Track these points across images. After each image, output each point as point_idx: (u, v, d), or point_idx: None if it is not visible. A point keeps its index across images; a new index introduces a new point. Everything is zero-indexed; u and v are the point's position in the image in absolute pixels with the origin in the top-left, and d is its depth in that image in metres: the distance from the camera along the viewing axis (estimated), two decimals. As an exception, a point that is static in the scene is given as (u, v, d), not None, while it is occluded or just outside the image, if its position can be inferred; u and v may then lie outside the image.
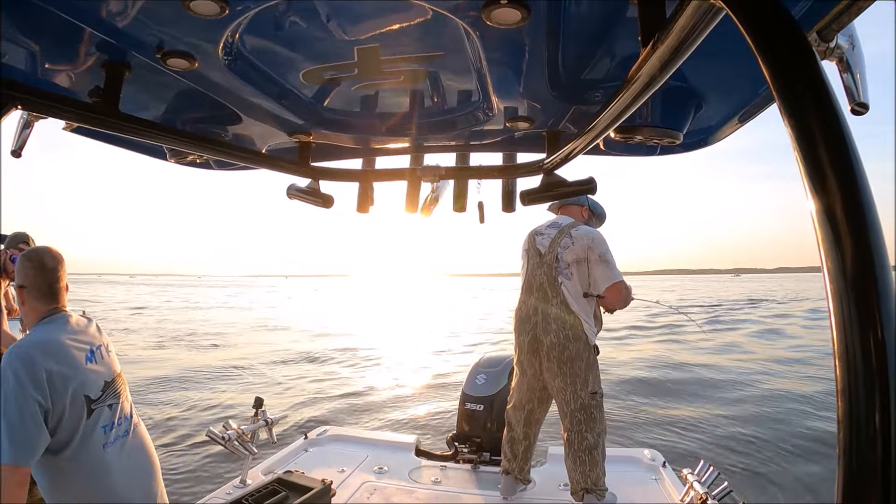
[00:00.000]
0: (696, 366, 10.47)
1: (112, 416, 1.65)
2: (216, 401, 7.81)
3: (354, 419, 7.02)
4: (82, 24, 0.74)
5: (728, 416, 6.91)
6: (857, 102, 0.69)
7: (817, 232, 0.37)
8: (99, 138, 1.22)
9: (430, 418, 7.03)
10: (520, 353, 2.68)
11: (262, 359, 11.62)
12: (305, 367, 10.93)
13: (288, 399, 7.97)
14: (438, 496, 2.69)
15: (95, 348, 1.69)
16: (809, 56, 0.41)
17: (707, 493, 2.17)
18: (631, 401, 7.57)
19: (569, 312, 2.55)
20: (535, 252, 2.72)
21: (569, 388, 2.52)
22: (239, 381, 9.35)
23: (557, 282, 2.59)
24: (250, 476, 2.70)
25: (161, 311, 26.08)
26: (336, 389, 8.70)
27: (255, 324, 19.88)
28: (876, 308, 0.34)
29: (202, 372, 9.96)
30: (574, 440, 2.52)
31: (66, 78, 0.96)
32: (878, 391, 0.33)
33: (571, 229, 2.66)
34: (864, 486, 0.34)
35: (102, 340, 1.76)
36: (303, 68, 0.91)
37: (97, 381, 1.63)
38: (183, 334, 16.10)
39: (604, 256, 2.58)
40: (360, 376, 9.91)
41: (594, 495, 2.50)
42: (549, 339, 2.54)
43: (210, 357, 11.83)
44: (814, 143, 0.38)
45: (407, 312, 29.55)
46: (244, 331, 17.42)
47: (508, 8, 0.65)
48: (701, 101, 1.02)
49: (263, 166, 1.32)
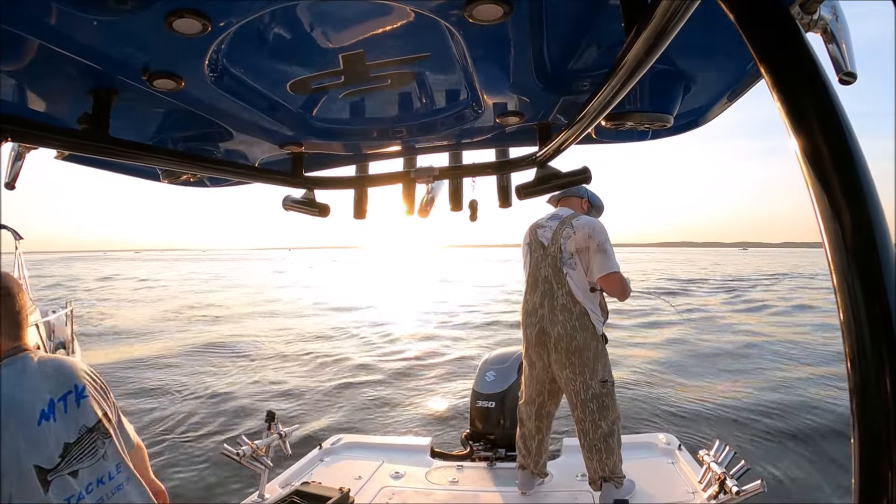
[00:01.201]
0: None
1: (78, 486, 1.28)
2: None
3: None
4: (67, 52, 0.73)
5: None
6: (845, 72, 0.69)
7: (815, 205, 0.37)
8: (91, 164, 1.22)
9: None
10: (528, 346, 2.69)
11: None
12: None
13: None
14: (457, 496, 2.70)
15: (58, 399, 1.31)
16: (794, 29, 0.41)
17: (725, 473, 2.17)
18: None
19: (574, 303, 2.56)
20: (538, 245, 2.73)
21: (578, 379, 2.52)
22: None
23: (562, 273, 2.60)
24: (268, 490, 2.70)
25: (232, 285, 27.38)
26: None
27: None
28: (880, 277, 0.34)
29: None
30: (588, 430, 2.52)
31: (54, 107, 0.96)
32: (888, 359, 0.33)
33: (573, 219, 2.68)
34: (878, 453, 0.34)
35: (80, 381, 1.38)
36: (289, 79, 0.91)
37: (53, 446, 1.26)
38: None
39: (602, 246, 2.58)
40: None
41: (612, 483, 2.50)
42: (557, 330, 2.54)
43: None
44: (804, 116, 0.38)
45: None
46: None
47: (490, 4, 0.65)
48: (689, 83, 1.01)
49: (257, 180, 1.32)
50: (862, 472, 0.35)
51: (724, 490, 2.13)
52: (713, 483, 2.20)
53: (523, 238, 2.87)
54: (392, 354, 10.31)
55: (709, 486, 2.25)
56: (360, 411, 6.88)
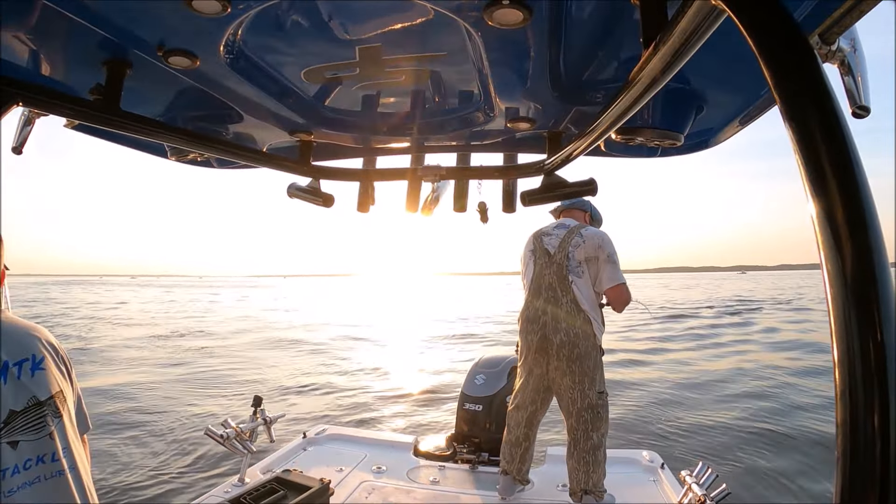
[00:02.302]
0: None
1: (16, 459, 1.20)
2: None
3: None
4: (84, 22, 0.73)
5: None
6: (858, 105, 0.69)
7: (818, 235, 0.37)
8: (99, 136, 1.21)
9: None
10: (527, 353, 2.68)
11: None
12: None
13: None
14: (436, 496, 2.69)
15: (14, 363, 1.25)
16: (811, 59, 0.41)
17: (705, 496, 2.17)
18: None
19: (578, 311, 2.58)
20: (542, 252, 2.72)
21: (576, 387, 2.54)
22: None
23: (568, 280, 2.62)
24: (248, 475, 2.70)
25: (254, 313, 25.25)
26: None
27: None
28: (876, 312, 0.34)
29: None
30: (580, 439, 2.53)
31: (67, 75, 0.96)
32: (878, 395, 0.33)
33: (581, 229, 2.71)
34: (862, 489, 0.34)
35: (39, 352, 1.32)
36: (304, 67, 0.91)
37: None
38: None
39: (611, 257, 2.63)
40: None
41: (592, 496, 2.51)
42: (559, 337, 2.55)
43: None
44: (814, 145, 0.38)
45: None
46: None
47: (510, 9, 0.65)
48: (702, 103, 1.01)
49: (264, 165, 1.32)
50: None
51: None
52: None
53: (525, 245, 2.86)
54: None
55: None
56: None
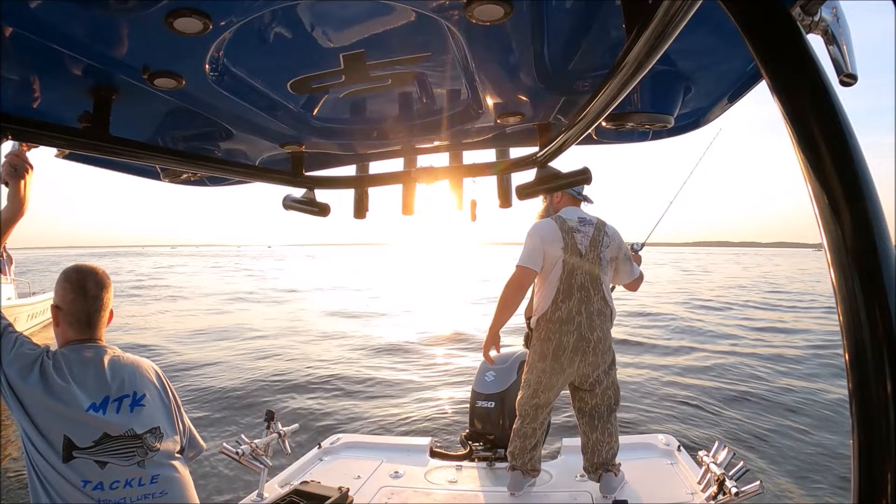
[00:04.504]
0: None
1: (101, 477, 1.35)
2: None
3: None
4: (67, 51, 0.74)
5: None
6: (845, 74, 0.69)
7: (814, 205, 0.37)
8: (91, 163, 1.22)
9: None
10: (560, 353, 2.64)
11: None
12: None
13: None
14: (456, 496, 2.70)
15: (116, 399, 1.43)
16: (794, 31, 0.41)
17: (724, 474, 2.17)
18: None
19: (606, 306, 2.73)
20: (574, 251, 2.68)
21: (604, 371, 2.72)
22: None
23: (599, 280, 2.71)
24: (267, 489, 2.69)
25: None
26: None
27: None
28: (880, 278, 0.34)
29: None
30: (603, 413, 2.71)
31: (54, 105, 0.96)
32: (887, 359, 0.33)
33: (604, 227, 2.81)
34: (878, 454, 0.34)
35: (140, 390, 1.49)
36: (290, 79, 0.91)
37: (92, 430, 1.37)
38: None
39: (627, 254, 2.88)
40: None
41: (612, 472, 2.64)
42: (596, 334, 2.65)
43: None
44: (804, 117, 0.38)
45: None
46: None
47: (491, 4, 0.65)
48: (689, 84, 1.01)
49: (258, 179, 1.32)
50: (861, 473, 0.35)
51: (723, 491, 2.14)
52: (712, 484, 2.21)
53: (545, 238, 2.69)
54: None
55: (708, 486, 2.26)
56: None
